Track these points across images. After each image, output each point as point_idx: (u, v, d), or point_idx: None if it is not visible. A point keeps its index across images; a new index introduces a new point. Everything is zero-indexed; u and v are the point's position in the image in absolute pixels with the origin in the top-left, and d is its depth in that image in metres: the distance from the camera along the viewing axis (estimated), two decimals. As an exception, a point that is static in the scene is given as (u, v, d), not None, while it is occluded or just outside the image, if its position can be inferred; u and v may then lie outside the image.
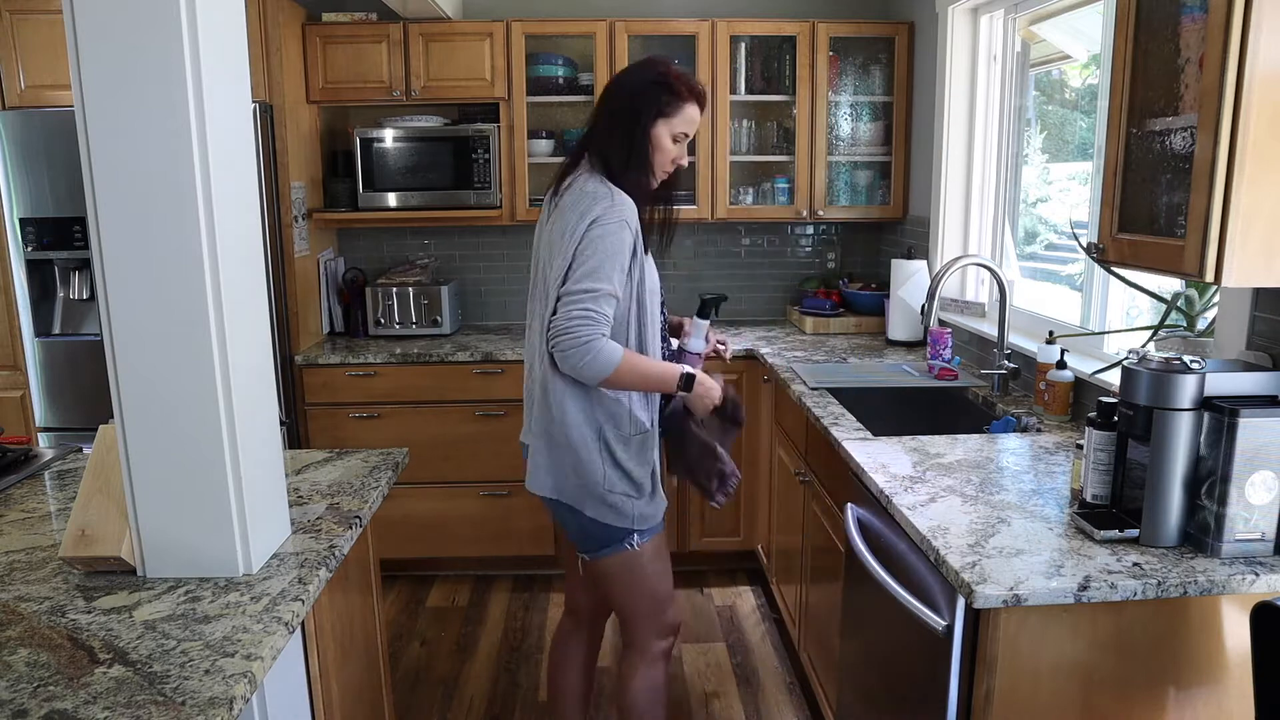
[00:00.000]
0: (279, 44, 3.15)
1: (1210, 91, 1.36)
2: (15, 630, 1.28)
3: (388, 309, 3.57)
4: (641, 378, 1.83)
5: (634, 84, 1.87)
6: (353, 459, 1.99)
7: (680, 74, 1.89)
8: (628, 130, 1.85)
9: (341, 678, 1.68)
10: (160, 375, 1.37)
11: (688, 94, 1.87)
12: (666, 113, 1.86)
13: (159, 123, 1.30)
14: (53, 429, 3.31)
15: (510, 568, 3.59)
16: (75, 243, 3.14)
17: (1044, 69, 2.96)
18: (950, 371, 2.82)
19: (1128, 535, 1.54)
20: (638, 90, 1.86)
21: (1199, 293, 1.96)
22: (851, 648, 2.12)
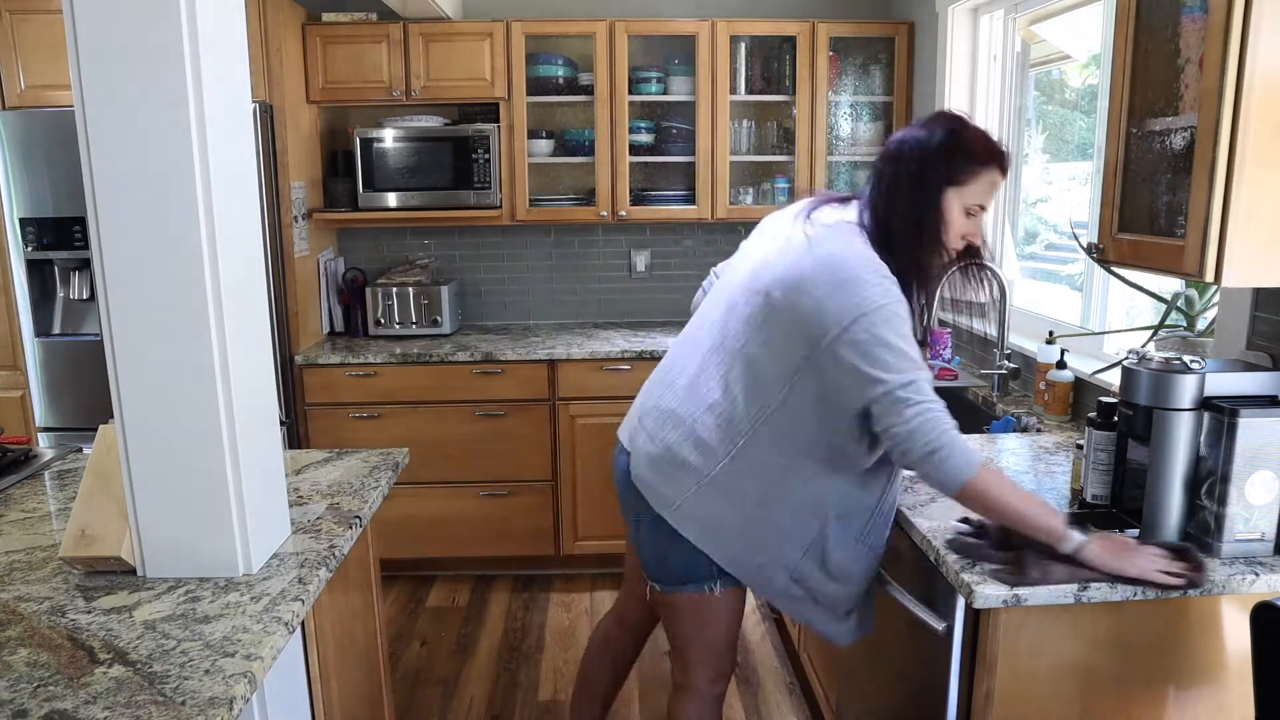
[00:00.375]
0: (279, 44, 3.15)
1: (1210, 91, 1.36)
2: (15, 630, 1.28)
3: (388, 309, 3.57)
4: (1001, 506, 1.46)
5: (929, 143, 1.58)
6: (353, 459, 1.99)
7: (977, 133, 1.59)
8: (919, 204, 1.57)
9: (341, 678, 1.68)
10: (160, 375, 1.37)
11: (986, 157, 1.57)
12: (958, 180, 1.57)
13: (159, 123, 1.30)
14: (53, 429, 3.31)
15: (510, 568, 3.59)
16: (75, 243, 3.14)
17: (1044, 69, 2.96)
18: (950, 371, 2.82)
19: (1128, 535, 1.53)
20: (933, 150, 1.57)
21: (1199, 293, 1.96)
22: (851, 648, 2.12)
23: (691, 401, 1.68)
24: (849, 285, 1.51)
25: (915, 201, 1.58)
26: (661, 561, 1.75)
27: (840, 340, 1.49)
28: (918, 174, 1.57)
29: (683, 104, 3.62)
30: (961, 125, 1.59)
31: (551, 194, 3.77)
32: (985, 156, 1.57)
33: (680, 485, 1.66)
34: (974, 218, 1.62)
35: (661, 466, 1.69)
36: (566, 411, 3.38)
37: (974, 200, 1.60)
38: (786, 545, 1.66)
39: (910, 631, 1.70)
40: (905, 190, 1.58)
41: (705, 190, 3.59)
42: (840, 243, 1.58)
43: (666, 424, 1.70)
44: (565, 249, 3.95)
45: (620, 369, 3.35)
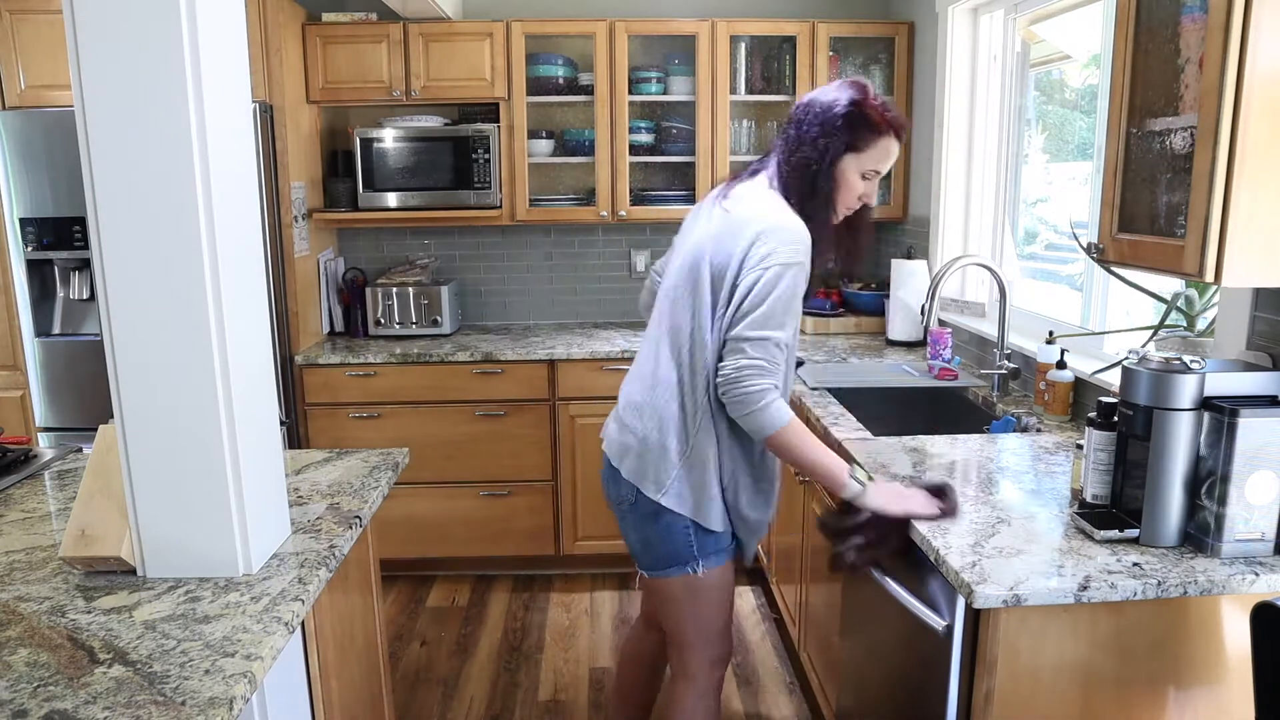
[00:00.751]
0: (279, 44, 3.15)
1: (1210, 91, 1.36)
2: (15, 630, 1.28)
3: (388, 309, 3.57)
4: (800, 455, 1.66)
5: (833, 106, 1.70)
6: (353, 459, 1.99)
7: (877, 104, 1.71)
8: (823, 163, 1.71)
9: (341, 678, 1.68)
10: (160, 375, 1.37)
11: (885, 127, 1.70)
12: (858, 147, 1.70)
13: (159, 123, 1.30)
14: (53, 429, 3.31)
15: (510, 568, 3.59)
16: (75, 243, 3.14)
17: (1044, 69, 2.96)
18: (950, 371, 2.82)
19: (1128, 535, 1.54)
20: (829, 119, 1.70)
21: (1199, 293, 1.96)
22: (851, 648, 2.12)
23: (656, 390, 1.79)
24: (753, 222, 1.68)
25: (813, 162, 1.71)
26: (646, 546, 1.84)
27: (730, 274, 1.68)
28: (819, 137, 1.70)
29: (683, 104, 3.62)
30: (864, 95, 1.71)
31: (551, 194, 3.77)
32: (884, 126, 1.70)
33: (664, 467, 1.77)
34: (869, 181, 1.76)
35: (644, 456, 1.79)
36: (566, 411, 3.38)
37: (870, 165, 1.74)
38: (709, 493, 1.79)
39: (910, 631, 1.70)
40: (806, 151, 1.71)
41: (705, 190, 3.58)
42: (752, 205, 1.72)
43: (639, 416, 1.81)
44: (565, 249, 3.95)
45: (620, 369, 3.35)
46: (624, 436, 1.83)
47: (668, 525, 1.79)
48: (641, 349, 1.90)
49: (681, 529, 1.79)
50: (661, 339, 1.81)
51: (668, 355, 1.78)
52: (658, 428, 1.78)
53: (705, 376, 1.74)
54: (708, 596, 1.85)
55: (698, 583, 1.83)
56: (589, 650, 3.04)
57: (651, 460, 1.78)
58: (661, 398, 1.78)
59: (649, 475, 1.79)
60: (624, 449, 1.83)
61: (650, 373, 1.81)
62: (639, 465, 1.80)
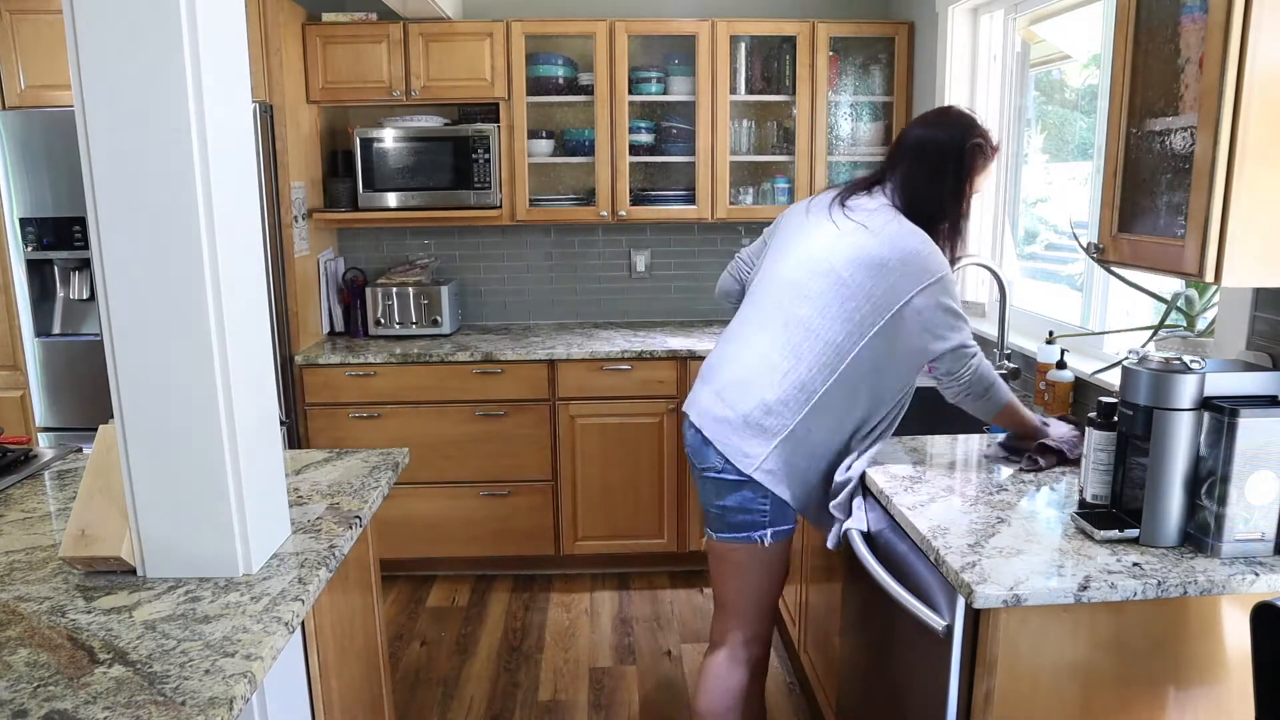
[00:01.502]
0: (279, 44, 3.15)
1: (1210, 91, 1.37)
2: (15, 630, 1.28)
3: (388, 309, 3.57)
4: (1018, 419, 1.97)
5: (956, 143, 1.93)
6: (353, 459, 1.99)
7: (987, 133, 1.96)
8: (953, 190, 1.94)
9: (341, 678, 1.68)
10: (160, 375, 1.37)
11: (994, 153, 1.96)
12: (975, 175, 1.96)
13: (159, 123, 1.30)
14: (53, 429, 3.31)
15: (510, 568, 3.59)
16: (75, 243, 3.14)
17: (1044, 69, 2.96)
18: (950, 371, 2.82)
19: (1128, 535, 1.54)
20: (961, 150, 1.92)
21: (1199, 293, 1.96)
22: (851, 648, 2.12)
23: (764, 373, 1.92)
24: (914, 259, 1.85)
25: (952, 190, 1.93)
26: (722, 512, 1.99)
27: (910, 306, 1.85)
28: (954, 170, 1.92)
29: (683, 104, 3.62)
30: (977, 127, 1.95)
31: (551, 194, 3.77)
32: (994, 154, 1.97)
33: (759, 444, 1.91)
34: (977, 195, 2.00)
35: (741, 431, 1.92)
36: (566, 411, 3.38)
37: (981, 185, 1.99)
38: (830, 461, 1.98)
39: (910, 631, 1.70)
40: (944, 182, 1.93)
41: (705, 190, 3.59)
42: (896, 225, 1.89)
43: (742, 395, 1.94)
44: (565, 249, 3.95)
45: (620, 369, 3.35)
46: (722, 410, 1.95)
47: (749, 496, 1.94)
48: (744, 331, 2.01)
49: (760, 500, 1.94)
50: (780, 329, 1.93)
51: (788, 345, 1.91)
52: (762, 409, 1.91)
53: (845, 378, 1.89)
54: (766, 568, 2.01)
55: (761, 553, 1.98)
56: (589, 650, 3.04)
57: (749, 436, 1.91)
58: (774, 382, 1.91)
59: (742, 449, 1.91)
60: (719, 421, 1.95)
61: (758, 361, 1.94)
62: (734, 439, 1.92)
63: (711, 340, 3.49)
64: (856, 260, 1.87)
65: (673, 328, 3.81)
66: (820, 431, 1.92)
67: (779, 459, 1.91)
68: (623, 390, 3.37)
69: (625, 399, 3.38)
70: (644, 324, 3.91)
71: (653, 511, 3.48)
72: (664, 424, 3.40)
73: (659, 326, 3.85)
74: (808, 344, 1.89)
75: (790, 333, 1.91)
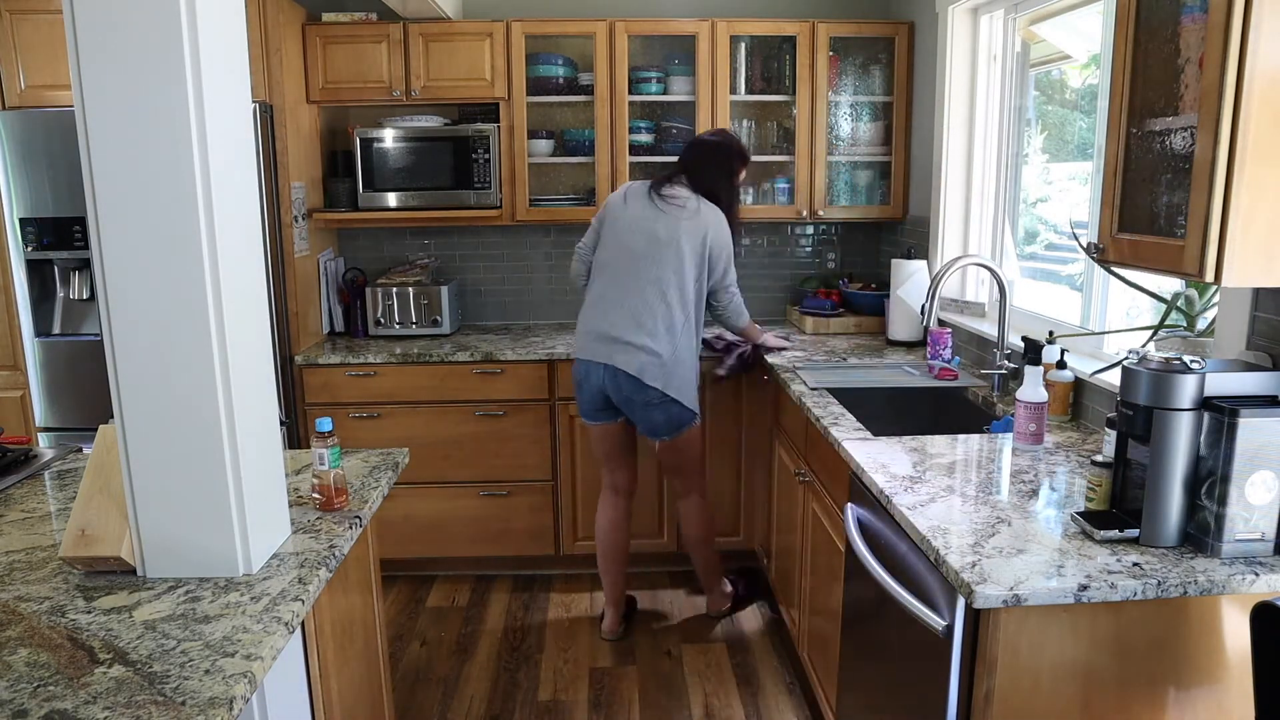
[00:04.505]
0: (279, 44, 3.15)
1: (1210, 91, 1.37)
2: (15, 630, 1.28)
3: (388, 309, 3.57)
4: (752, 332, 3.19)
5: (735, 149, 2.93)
6: (353, 459, 1.99)
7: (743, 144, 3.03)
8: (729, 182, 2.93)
9: (341, 678, 1.68)
10: (160, 375, 1.37)
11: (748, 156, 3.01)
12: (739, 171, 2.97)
13: (159, 123, 1.30)
14: (53, 429, 3.31)
15: (510, 568, 3.59)
16: (75, 243, 3.14)
17: (1044, 69, 2.96)
18: (950, 371, 2.83)
19: (1128, 535, 1.54)
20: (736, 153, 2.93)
21: (1199, 293, 1.96)
22: (851, 648, 2.12)
23: (649, 319, 2.77)
24: (720, 227, 2.85)
25: (732, 183, 2.94)
26: (668, 419, 2.85)
27: (718, 257, 2.85)
28: (731, 169, 2.93)
29: (683, 104, 3.62)
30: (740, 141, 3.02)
31: (551, 194, 3.77)
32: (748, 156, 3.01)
33: (669, 372, 2.79)
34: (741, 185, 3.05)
35: (665, 368, 2.77)
36: (566, 411, 3.38)
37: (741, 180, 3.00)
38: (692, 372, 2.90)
39: (910, 631, 1.70)
40: (729, 176, 2.93)
41: (705, 190, 3.58)
42: (705, 206, 2.84)
43: (655, 341, 2.76)
44: (565, 249, 3.95)
45: (620, 369, 3.35)
46: (645, 357, 2.76)
47: (682, 408, 2.84)
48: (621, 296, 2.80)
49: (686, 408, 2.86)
50: (651, 287, 2.78)
51: (665, 298, 2.78)
52: (670, 349, 2.78)
53: (695, 311, 2.85)
54: (699, 439, 2.99)
55: (697, 430, 2.94)
56: (589, 650, 3.04)
57: (669, 369, 2.78)
58: (668, 328, 2.78)
59: (670, 382, 2.78)
60: (645, 365, 2.76)
61: (655, 312, 2.77)
62: (663, 374, 2.77)
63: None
64: (688, 232, 2.78)
65: (673, 328, 3.81)
66: (689, 346, 2.83)
67: (679, 375, 2.80)
68: (623, 390, 3.36)
69: (625, 399, 3.38)
70: (644, 324, 3.91)
71: (653, 511, 3.48)
72: (664, 424, 3.40)
73: (659, 326, 3.84)
74: (670, 294, 2.77)
75: (656, 289, 2.77)
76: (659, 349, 2.75)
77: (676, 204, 2.79)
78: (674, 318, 2.78)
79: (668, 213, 2.79)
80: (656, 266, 2.76)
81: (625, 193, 2.89)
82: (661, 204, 2.80)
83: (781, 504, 3.00)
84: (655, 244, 2.77)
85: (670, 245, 2.77)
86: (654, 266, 2.76)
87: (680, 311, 2.79)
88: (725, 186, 2.90)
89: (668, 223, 2.78)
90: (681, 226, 2.78)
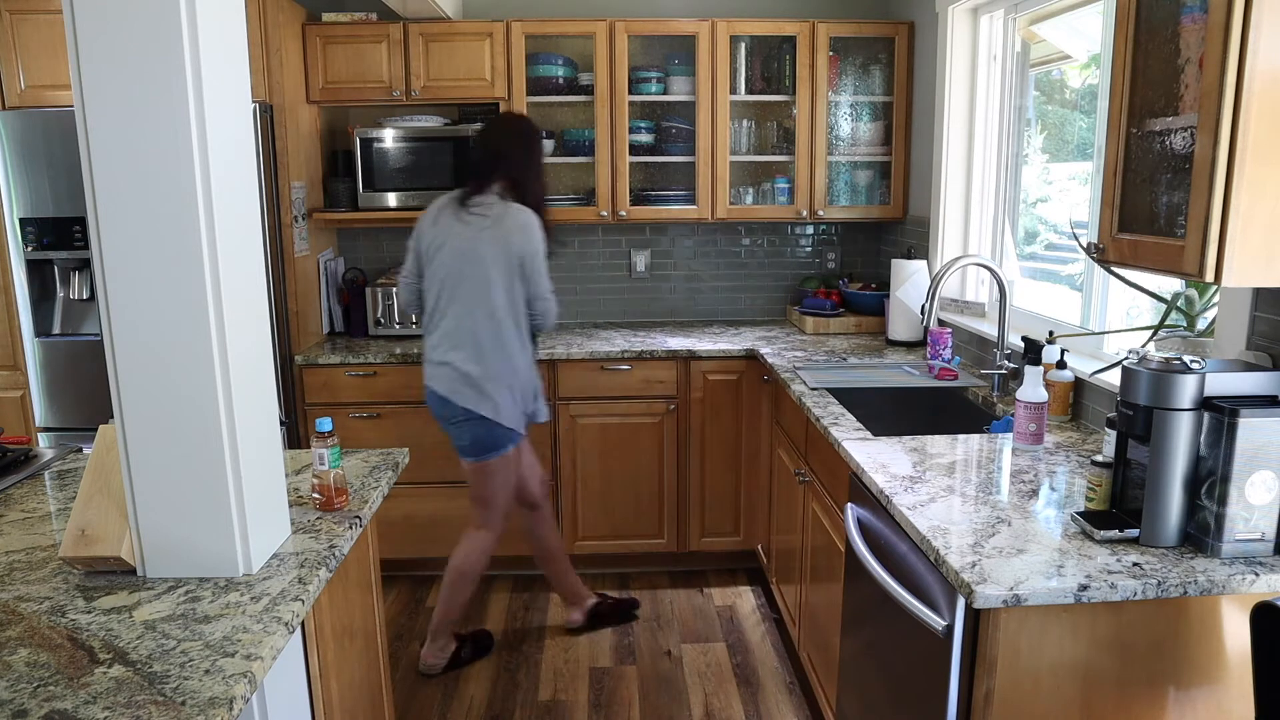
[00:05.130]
0: (279, 44, 3.15)
1: (1210, 91, 1.37)
2: (15, 630, 1.28)
3: (388, 309, 3.57)
4: None
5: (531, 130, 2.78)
6: (353, 459, 1.99)
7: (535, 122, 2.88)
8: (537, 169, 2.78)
9: (341, 678, 1.68)
10: (160, 375, 1.37)
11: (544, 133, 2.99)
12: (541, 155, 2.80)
13: (159, 123, 1.30)
14: (53, 429, 3.31)
15: (510, 568, 3.59)
16: (75, 243, 3.14)
17: (1044, 69, 2.96)
18: (950, 371, 2.83)
19: (1128, 535, 1.54)
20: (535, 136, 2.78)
21: (1199, 293, 1.96)
22: (851, 648, 2.12)
23: (467, 339, 2.66)
24: (529, 229, 2.67)
25: (538, 166, 2.78)
26: (475, 442, 2.73)
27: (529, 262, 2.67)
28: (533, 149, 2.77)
29: (683, 104, 3.62)
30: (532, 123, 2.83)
31: (551, 194, 3.77)
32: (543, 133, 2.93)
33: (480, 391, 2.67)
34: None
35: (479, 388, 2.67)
36: (566, 411, 3.38)
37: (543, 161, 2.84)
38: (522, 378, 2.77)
39: (910, 631, 1.70)
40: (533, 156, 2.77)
41: (705, 190, 3.59)
42: (511, 210, 2.68)
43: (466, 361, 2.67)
44: (565, 249, 3.95)
45: (620, 369, 3.35)
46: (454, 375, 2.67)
47: (492, 427, 2.70)
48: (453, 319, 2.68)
49: (498, 428, 2.71)
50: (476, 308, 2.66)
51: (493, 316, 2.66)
52: (483, 368, 2.66)
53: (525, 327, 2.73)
54: (508, 470, 2.82)
55: (505, 460, 2.78)
56: (589, 650, 3.04)
57: (480, 387, 2.67)
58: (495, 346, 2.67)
59: (482, 403, 2.67)
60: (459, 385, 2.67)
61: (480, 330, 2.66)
62: (475, 395, 2.67)
63: (711, 340, 3.49)
64: (497, 241, 2.64)
65: (673, 328, 3.81)
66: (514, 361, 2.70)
67: (502, 396, 2.69)
68: (623, 390, 3.37)
69: (625, 399, 3.38)
70: (644, 324, 3.91)
71: (653, 511, 3.48)
72: (664, 424, 3.40)
73: (659, 326, 3.85)
74: (494, 310, 2.66)
75: (484, 309, 2.66)
76: (468, 369, 2.65)
77: (480, 213, 2.66)
78: (503, 334, 2.66)
79: (474, 224, 2.65)
80: (477, 284, 2.64)
81: (435, 211, 2.75)
82: (469, 217, 2.67)
83: (781, 504, 3.00)
84: (471, 261, 2.65)
85: (485, 260, 2.65)
86: (475, 285, 2.64)
87: (511, 324, 2.67)
88: (533, 172, 2.75)
89: (477, 236, 2.64)
90: (488, 236, 2.64)
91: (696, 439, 3.42)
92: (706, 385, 3.38)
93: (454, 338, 2.67)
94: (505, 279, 2.65)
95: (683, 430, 3.41)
